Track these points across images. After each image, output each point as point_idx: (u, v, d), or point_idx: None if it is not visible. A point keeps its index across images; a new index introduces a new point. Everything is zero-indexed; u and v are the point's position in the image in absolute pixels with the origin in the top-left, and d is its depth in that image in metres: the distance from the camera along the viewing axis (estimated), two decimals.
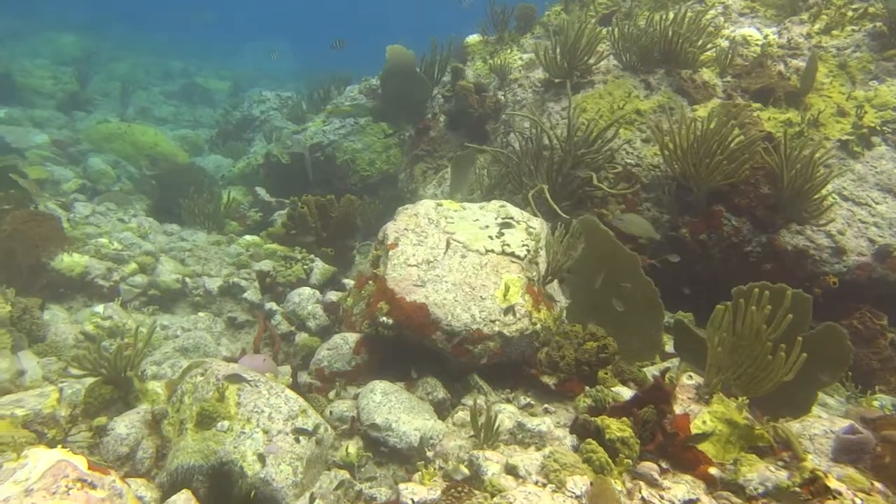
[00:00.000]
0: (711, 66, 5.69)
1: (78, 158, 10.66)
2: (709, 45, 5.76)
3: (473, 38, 7.37)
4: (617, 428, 2.97)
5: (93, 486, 2.39)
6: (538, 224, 4.78)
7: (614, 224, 5.49)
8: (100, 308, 4.88)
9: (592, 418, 3.16)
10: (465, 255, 4.42)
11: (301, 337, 4.94)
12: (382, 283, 4.30)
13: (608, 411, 3.27)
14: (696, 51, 5.63)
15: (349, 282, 5.55)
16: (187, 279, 5.85)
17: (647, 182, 5.41)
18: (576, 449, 3.08)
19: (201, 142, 13.38)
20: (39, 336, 4.52)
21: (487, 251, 4.43)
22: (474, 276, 4.26)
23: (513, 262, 4.39)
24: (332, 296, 5.20)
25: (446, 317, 4.04)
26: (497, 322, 4.04)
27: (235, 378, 3.62)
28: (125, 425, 3.50)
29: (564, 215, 5.22)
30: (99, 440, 3.42)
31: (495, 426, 3.28)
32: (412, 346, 4.23)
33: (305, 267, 5.61)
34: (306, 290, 5.27)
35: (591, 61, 5.91)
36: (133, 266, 5.72)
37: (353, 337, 4.40)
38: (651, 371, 4.04)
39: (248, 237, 6.86)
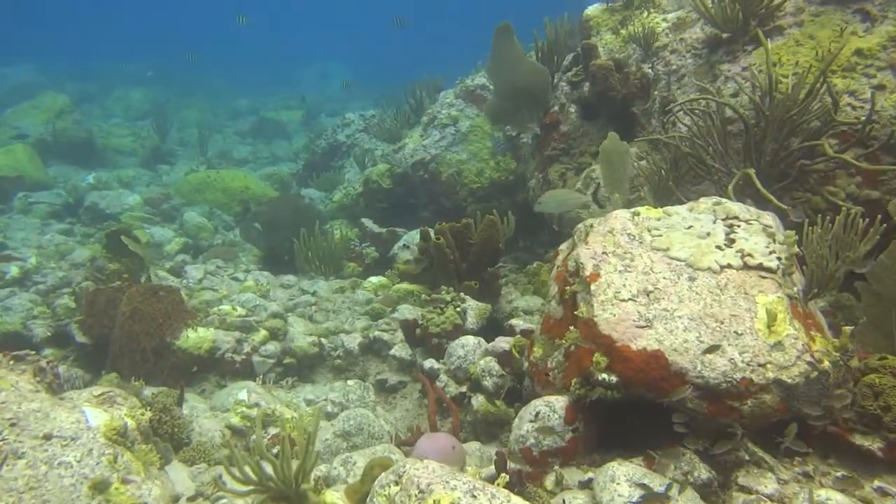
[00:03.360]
0: None
1: (172, 215, 10.29)
2: None
3: (594, 9, 6.25)
4: None
5: None
6: (772, 221, 3.63)
7: (536, 210, 5.05)
8: (243, 394, 4.12)
9: None
10: (692, 276, 3.34)
11: (479, 402, 3.99)
12: (591, 329, 3.29)
13: None
14: None
15: (518, 322, 4.56)
16: (323, 340, 5.05)
17: (890, 142, 4.14)
18: None
19: (287, 177, 12.85)
20: (183, 439, 3.80)
21: (723, 268, 3.34)
22: (717, 305, 3.18)
23: (762, 277, 3.27)
24: (503, 343, 4.24)
25: (694, 366, 2.99)
26: (769, 365, 2.94)
27: (440, 485, 2.71)
28: None
29: (783, 206, 4.07)
30: None
31: None
32: (635, 406, 3.21)
33: (458, 309, 4.68)
34: (470, 340, 4.33)
35: (775, 2, 4.67)
36: (263, 333, 4.98)
37: (559, 402, 3.40)
38: None
39: (373, 279, 6.04)
